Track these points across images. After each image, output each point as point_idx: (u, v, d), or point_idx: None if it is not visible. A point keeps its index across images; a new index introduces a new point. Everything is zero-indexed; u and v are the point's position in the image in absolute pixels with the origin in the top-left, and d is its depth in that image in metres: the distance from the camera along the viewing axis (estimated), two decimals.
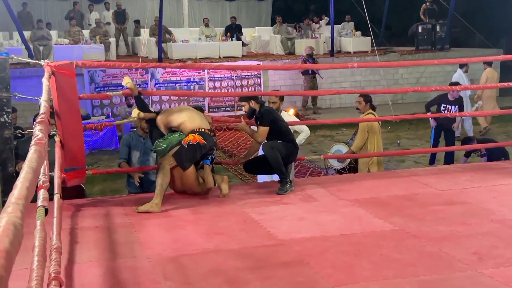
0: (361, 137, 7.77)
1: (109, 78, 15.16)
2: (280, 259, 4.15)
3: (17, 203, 1.60)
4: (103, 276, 3.90)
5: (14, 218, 1.45)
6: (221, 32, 18.79)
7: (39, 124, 3.13)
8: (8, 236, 1.31)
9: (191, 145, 5.46)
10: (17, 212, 1.52)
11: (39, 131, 2.89)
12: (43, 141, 2.66)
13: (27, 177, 1.95)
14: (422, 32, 19.71)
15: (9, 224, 1.38)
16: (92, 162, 10.94)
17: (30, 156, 2.29)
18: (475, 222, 4.87)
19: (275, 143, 5.94)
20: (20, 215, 1.50)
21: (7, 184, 5.53)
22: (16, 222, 1.42)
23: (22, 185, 1.84)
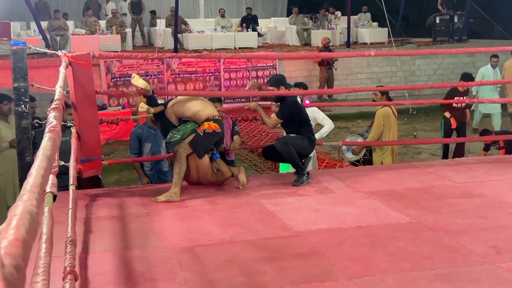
0: (377, 129, 7.72)
1: (125, 68, 15.21)
2: (295, 250, 4.14)
3: (33, 191, 1.59)
4: (119, 266, 3.92)
5: (30, 206, 1.44)
6: (236, 23, 18.75)
7: (54, 110, 3.12)
8: (25, 225, 1.30)
9: (207, 133, 5.46)
10: (33, 200, 1.51)
11: (53, 118, 2.88)
12: (57, 129, 2.65)
13: (41, 165, 1.94)
14: (439, 23, 19.53)
15: (25, 213, 1.37)
16: (108, 152, 11.00)
17: (44, 144, 2.28)
18: (493, 215, 4.83)
19: (288, 138, 5.90)
20: (35, 203, 1.49)
21: (25, 173, 5.55)
22: (32, 210, 1.41)
23: (37, 173, 1.83)
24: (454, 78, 18.31)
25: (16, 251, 1.19)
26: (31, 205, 1.45)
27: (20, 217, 1.34)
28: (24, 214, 1.36)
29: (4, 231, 1.25)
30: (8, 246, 1.19)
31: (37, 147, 5.77)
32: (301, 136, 5.94)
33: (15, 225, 1.29)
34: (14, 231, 1.26)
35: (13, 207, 1.42)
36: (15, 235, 1.24)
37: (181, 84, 15.77)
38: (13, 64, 5.43)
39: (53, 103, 3.42)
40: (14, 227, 1.28)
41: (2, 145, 6.93)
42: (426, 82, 17.84)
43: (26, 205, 1.43)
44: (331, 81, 16.57)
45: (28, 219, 1.34)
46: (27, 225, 1.31)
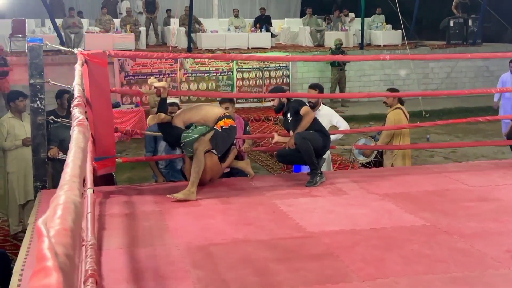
0: (388, 133, 7.69)
1: (139, 67, 15.26)
2: (309, 251, 4.13)
3: (73, 181, 1.58)
4: (132, 263, 3.93)
5: (73, 196, 1.42)
6: (250, 23, 18.77)
7: (77, 107, 3.13)
8: (70, 214, 1.29)
9: (226, 129, 5.50)
10: (75, 189, 1.50)
11: (79, 113, 2.89)
12: (85, 123, 2.66)
13: (77, 156, 1.92)
14: (453, 26, 19.45)
15: (69, 202, 1.35)
16: (121, 150, 11.03)
17: (76, 136, 2.28)
18: (508, 220, 4.79)
19: (309, 133, 5.84)
20: (78, 193, 1.48)
21: (40, 169, 5.60)
22: (76, 200, 1.40)
23: (74, 164, 1.81)
24: (468, 82, 18.26)
25: (66, 240, 1.18)
26: (74, 195, 1.44)
27: (65, 206, 1.32)
28: (69, 204, 1.34)
29: (50, 220, 1.24)
30: (58, 236, 1.18)
31: (51, 143, 5.81)
32: (320, 134, 5.94)
33: (61, 215, 1.27)
34: (61, 220, 1.25)
35: (55, 196, 1.40)
36: (62, 225, 1.23)
37: (194, 84, 15.80)
38: (30, 61, 5.47)
39: (75, 100, 3.43)
40: (60, 216, 1.26)
41: (16, 143, 6.96)
42: (440, 85, 17.78)
43: (69, 195, 1.41)
44: (343, 82, 16.55)
45: (73, 209, 1.33)
46: (72, 215, 1.29)
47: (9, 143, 6.96)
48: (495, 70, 18.77)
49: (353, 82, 17.27)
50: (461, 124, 13.65)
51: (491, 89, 9.44)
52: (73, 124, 2.60)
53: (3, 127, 6.97)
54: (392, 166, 7.65)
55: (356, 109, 15.42)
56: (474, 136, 12.71)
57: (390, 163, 7.74)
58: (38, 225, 1.17)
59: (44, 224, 1.18)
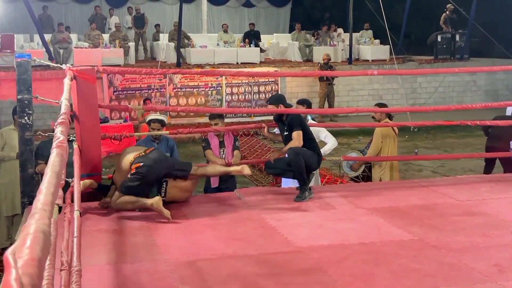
0: (376, 144, 7.71)
1: (128, 82, 15.26)
2: (298, 266, 4.13)
3: (44, 209, 1.60)
4: (121, 279, 3.91)
5: (43, 225, 1.45)
6: (239, 38, 18.83)
7: (60, 125, 3.12)
8: (39, 244, 1.32)
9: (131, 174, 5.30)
10: (45, 218, 1.52)
11: (60, 133, 2.88)
12: (65, 144, 2.66)
13: (51, 182, 1.94)
14: (441, 41, 19.61)
15: (38, 232, 1.39)
16: (109, 165, 10.97)
17: (52, 160, 2.28)
18: (495, 234, 4.81)
19: (302, 149, 5.86)
20: (48, 222, 1.51)
21: (27, 185, 5.56)
22: (45, 229, 1.43)
23: (47, 190, 1.83)
24: (456, 96, 18.39)
25: (33, 271, 1.22)
26: (43, 224, 1.46)
27: (34, 236, 1.36)
28: (38, 234, 1.38)
29: (19, 250, 1.27)
30: (25, 266, 1.22)
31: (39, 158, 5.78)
32: (312, 152, 5.96)
33: (30, 245, 1.31)
34: (29, 250, 1.28)
35: (25, 225, 1.44)
36: (30, 255, 1.26)
37: (183, 98, 15.81)
38: (18, 76, 5.45)
39: (60, 118, 3.42)
40: (29, 246, 1.30)
41: (10, 154, 6.95)
42: (428, 99, 17.90)
43: (39, 224, 1.45)
44: (332, 96, 16.61)
45: (42, 238, 1.36)
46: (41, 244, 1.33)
47: (4, 153, 6.96)
48: (482, 84, 18.96)
49: (341, 97, 17.35)
50: (450, 138, 13.76)
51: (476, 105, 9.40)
52: (53, 145, 2.60)
53: (1, 137, 6.99)
54: (381, 179, 7.67)
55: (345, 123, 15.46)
56: (463, 150, 12.78)
57: (379, 177, 7.75)
58: (7, 256, 1.22)
59: (12, 255, 1.22)
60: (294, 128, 5.92)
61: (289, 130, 5.97)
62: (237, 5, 25.16)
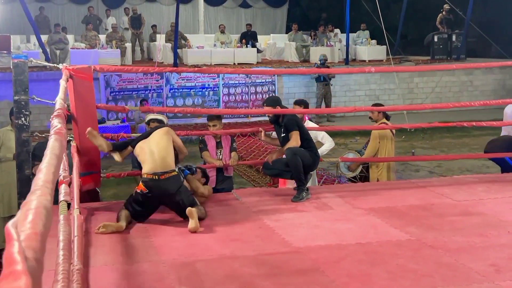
0: (373, 145, 7.72)
1: (125, 83, 15.25)
2: (295, 266, 4.13)
3: (46, 186, 1.58)
4: (118, 280, 3.90)
5: (45, 201, 1.43)
6: (236, 39, 18.84)
7: (56, 117, 3.12)
8: (41, 219, 1.30)
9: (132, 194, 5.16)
10: (47, 195, 1.50)
11: (57, 122, 2.88)
12: (63, 131, 2.65)
13: (51, 162, 1.92)
14: (437, 41, 19.64)
15: (40, 207, 1.36)
16: (106, 166, 10.95)
17: (51, 144, 2.27)
18: (492, 234, 4.82)
19: (300, 150, 5.86)
20: (49, 198, 1.49)
21: (24, 186, 5.55)
22: (47, 205, 1.41)
23: (47, 169, 1.81)
24: (452, 96, 18.42)
25: (36, 245, 1.20)
26: (45, 200, 1.44)
27: (36, 211, 1.33)
28: (40, 209, 1.35)
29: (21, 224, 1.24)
30: (28, 240, 1.20)
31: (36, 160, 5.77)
32: (310, 153, 5.96)
33: (32, 219, 1.29)
34: (32, 224, 1.26)
35: (26, 201, 1.41)
36: (33, 229, 1.24)
37: (180, 99, 15.80)
38: (14, 77, 5.44)
39: (55, 111, 3.41)
40: (31, 221, 1.28)
41: (7, 155, 6.93)
42: (424, 100, 17.92)
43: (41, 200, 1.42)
44: (329, 97, 16.62)
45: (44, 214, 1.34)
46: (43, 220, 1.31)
47: (0, 154, 6.94)
48: (479, 84, 18.99)
49: (338, 97, 17.36)
50: (447, 139, 13.78)
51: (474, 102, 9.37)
52: (51, 132, 2.59)
53: None
54: (378, 179, 7.68)
55: (342, 124, 15.47)
56: (459, 150, 12.80)
57: (376, 177, 7.76)
58: (8, 228, 1.17)
59: (14, 227, 1.18)
60: (291, 129, 5.92)
61: (286, 132, 5.97)
62: (234, 5, 25.18)
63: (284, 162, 5.97)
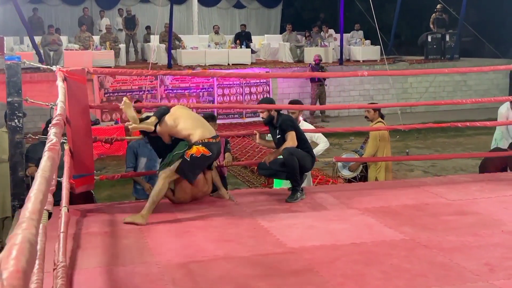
0: (373, 145, 7.73)
1: (119, 84, 15.23)
2: (290, 267, 4.13)
3: (32, 218, 1.59)
4: (112, 282, 3.89)
5: (29, 235, 1.44)
6: (230, 40, 18.83)
7: (54, 127, 3.09)
8: (25, 255, 1.31)
9: (194, 157, 5.32)
10: (32, 228, 1.51)
11: (54, 135, 2.85)
12: (57, 147, 2.63)
13: (40, 189, 1.91)
14: (431, 41, 19.69)
15: (24, 242, 1.37)
16: (100, 167, 10.95)
17: (43, 165, 2.25)
18: (486, 233, 4.83)
19: (297, 150, 5.85)
20: (34, 232, 1.50)
21: (17, 188, 5.54)
22: (31, 239, 1.42)
23: (35, 198, 1.80)
24: (446, 96, 18.46)
25: (18, 283, 1.22)
26: (30, 234, 1.45)
27: (20, 247, 1.35)
28: (24, 244, 1.37)
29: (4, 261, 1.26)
30: (10, 278, 1.21)
31: (30, 161, 5.75)
32: (306, 154, 5.95)
33: (15, 256, 1.30)
34: (15, 261, 1.28)
35: (12, 235, 1.42)
36: (15, 266, 1.26)
37: (175, 100, 15.78)
38: (7, 79, 5.42)
39: (55, 118, 3.38)
40: (15, 257, 1.30)
41: (2, 156, 6.91)
42: (418, 99, 17.96)
43: (25, 234, 1.44)
44: (323, 97, 16.64)
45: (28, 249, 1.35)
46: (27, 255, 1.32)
47: None
48: (472, 84, 19.04)
49: (333, 98, 17.38)
50: (441, 138, 13.81)
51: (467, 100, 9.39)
52: (45, 147, 2.58)
53: None
54: (377, 179, 7.70)
55: (337, 124, 15.51)
56: (454, 150, 12.82)
57: (374, 176, 7.78)
58: None
59: None
60: (286, 129, 5.92)
61: (282, 133, 5.96)
62: (228, 6, 25.17)
63: (279, 162, 5.96)
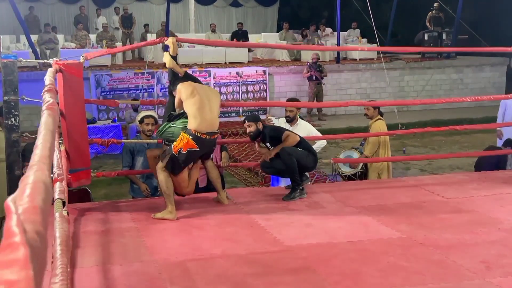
0: (375, 142, 7.76)
1: (115, 83, 15.20)
2: (287, 265, 4.13)
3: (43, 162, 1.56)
4: (109, 281, 3.89)
5: (43, 175, 1.40)
6: (227, 38, 18.82)
7: (47, 92, 3.08)
8: (40, 193, 1.27)
9: (182, 153, 5.28)
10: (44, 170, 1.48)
11: (49, 97, 2.83)
12: (55, 107, 2.60)
13: (47, 138, 1.89)
14: (428, 40, 19.70)
15: (38, 182, 1.33)
16: (97, 166, 10.94)
17: (45, 120, 2.22)
18: (483, 231, 4.85)
19: (294, 150, 5.83)
20: (47, 173, 1.46)
21: (14, 187, 5.52)
22: (46, 180, 1.38)
23: (43, 145, 1.78)
24: (443, 94, 18.49)
25: (35, 218, 1.17)
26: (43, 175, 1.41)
27: (34, 186, 1.30)
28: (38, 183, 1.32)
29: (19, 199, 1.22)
30: (27, 213, 1.16)
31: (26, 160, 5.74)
32: (307, 153, 5.94)
33: (30, 193, 1.25)
34: (30, 198, 1.23)
35: (24, 177, 1.38)
36: (31, 203, 1.21)
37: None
38: (4, 77, 5.41)
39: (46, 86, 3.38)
40: (29, 195, 1.25)
41: None
42: (415, 98, 17.96)
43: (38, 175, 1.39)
44: (321, 96, 16.63)
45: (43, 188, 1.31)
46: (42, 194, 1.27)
47: None
48: (469, 82, 19.07)
49: (329, 96, 17.38)
50: (437, 136, 13.83)
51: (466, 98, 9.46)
52: (43, 107, 2.55)
53: None
54: (379, 175, 7.74)
55: (334, 123, 15.52)
56: (450, 148, 12.85)
57: (376, 175, 7.79)
58: (7, 203, 1.15)
59: (13, 202, 1.16)
60: (279, 135, 5.91)
61: (274, 142, 5.92)
62: (225, 4, 25.17)
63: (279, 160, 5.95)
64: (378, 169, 7.80)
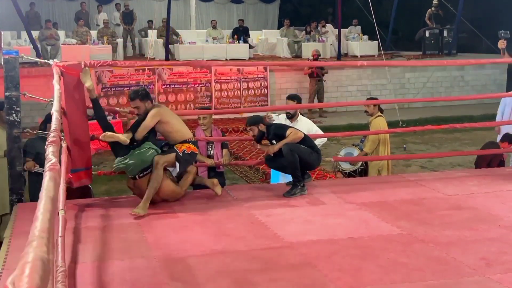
0: (373, 144, 7.75)
1: (116, 79, 15.19)
2: (287, 261, 4.15)
3: (41, 237, 1.57)
4: (110, 276, 3.91)
5: (41, 253, 1.43)
6: (228, 34, 18.81)
7: (51, 145, 3.03)
8: (38, 272, 1.30)
9: (187, 154, 5.47)
10: (43, 246, 1.50)
11: (52, 154, 2.80)
12: (57, 167, 2.59)
13: (47, 208, 1.90)
14: (429, 37, 19.70)
15: (36, 260, 1.36)
16: (98, 162, 10.94)
17: (46, 184, 2.23)
18: (483, 228, 4.86)
19: (297, 146, 5.84)
20: (46, 250, 1.48)
21: (16, 183, 5.55)
22: (44, 257, 1.41)
23: (43, 217, 1.79)
24: (444, 91, 18.48)
25: None
26: (41, 252, 1.44)
27: (33, 264, 1.34)
28: (36, 262, 1.35)
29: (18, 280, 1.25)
30: None
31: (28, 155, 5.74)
32: (311, 150, 5.95)
33: (29, 274, 1.29)
34: (28, 279, 1.27)
35: (23, 253, 1.41)
36: (30, 283, 1.25)
37: (172, 95, 15.77)
38: (5, 73, 5.43)
39: (51, 136, 3.31)
40: (28, 275, 1.28)
41: None
42: (416, 95, 17.98)
43: (37, 252, 1.42)
44: (322, 93, 16.63)
45: (41, 266, 1.34)
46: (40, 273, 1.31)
47: None
48: (470, 79, 19.05)
49: (330, 93, 17.37)
50: (438, 134, 13.82)
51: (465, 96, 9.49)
52: (45, 168, 2.54)
53: None
54: (379, 171, 7.74)
55: (334, 120, 15.52)
56: (451, 145, 12.85)
57: (377, 172, 7.79)
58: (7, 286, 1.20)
59: (12, 284, 1.21)
60: (283, 132, 5.92)
61: (280, 139, 5.93)
62: (226, 1, 25.16)
63: None
64: (378, 166, 7.80)
